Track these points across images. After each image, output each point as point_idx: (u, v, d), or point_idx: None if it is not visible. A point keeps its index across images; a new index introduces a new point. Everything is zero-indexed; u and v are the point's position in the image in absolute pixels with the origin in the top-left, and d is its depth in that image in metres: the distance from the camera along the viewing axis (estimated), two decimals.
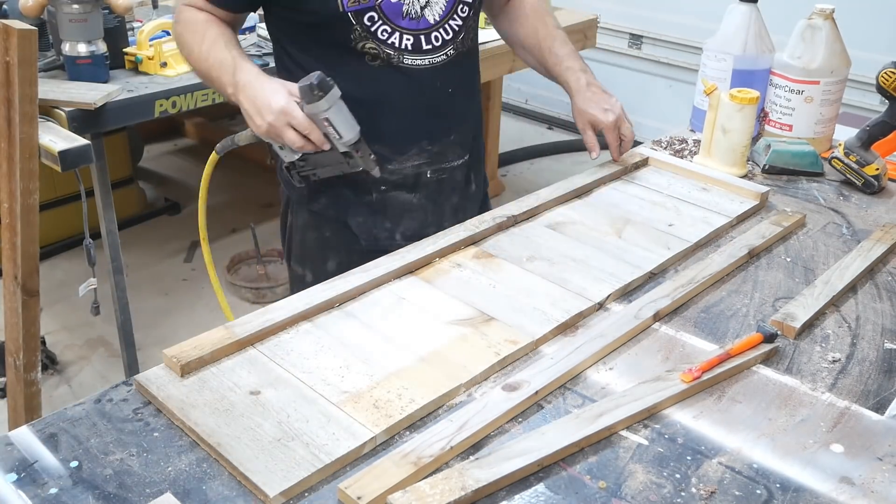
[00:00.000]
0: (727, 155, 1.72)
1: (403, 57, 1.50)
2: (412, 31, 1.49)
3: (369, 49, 1.47)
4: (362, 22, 1.45)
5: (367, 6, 1.44)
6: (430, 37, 1.51)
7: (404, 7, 1.47)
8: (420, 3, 1.48)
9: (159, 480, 0.92)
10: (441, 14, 1.51)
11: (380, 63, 1.49)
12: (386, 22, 1.46)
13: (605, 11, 4.24)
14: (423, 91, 1.54)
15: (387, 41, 1.48)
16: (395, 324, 1.19)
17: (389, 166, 1.55)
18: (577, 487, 0.93)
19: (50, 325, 2.98)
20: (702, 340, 1.20)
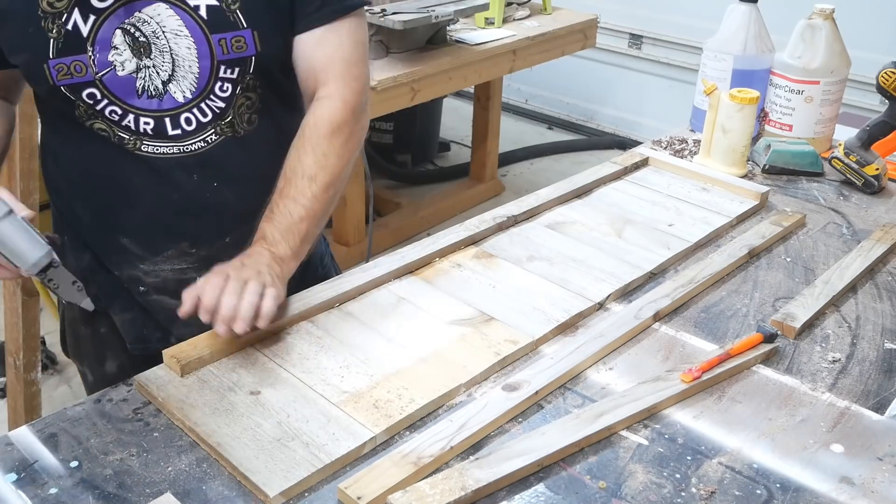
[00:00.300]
0: (727, 155, 1.72)
1: (141, 143, 1.20)
2: (152, 113, 1.19)
3: (99, 130, 1.20)
4: (82, 99, 1.17)
5: (84, 80, 1.15)
6: (177, 119, 1.20)
7: (138, 82, 1.17)
8: (161, 77, 1.17)
9: (159, 480, 0.92)
10: (193, 91, 1.19)
11: (114, 149, 1.21)
12: (113, 100, 1.17)
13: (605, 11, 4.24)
14: (173, 185, 1.23)
15: (119, 123, 1.19)
16: (394, 324, 1.19)
17: (143, 265, 1.29)
18: (577, 487, 0.93)
19: (50, 325, 2.97)
20: (702, 340, 1.19)
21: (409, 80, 2.69)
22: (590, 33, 3.51)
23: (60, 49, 1.13)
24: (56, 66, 1.14)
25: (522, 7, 3.43)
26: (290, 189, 1.19)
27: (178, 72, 1.18)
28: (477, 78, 3.09)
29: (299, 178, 1.20)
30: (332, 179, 1.22)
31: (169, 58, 1.17)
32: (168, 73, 1.18)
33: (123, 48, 1.15)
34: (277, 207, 1.19)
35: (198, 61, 1.17)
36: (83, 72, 1.14)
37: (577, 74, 4.81)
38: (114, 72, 1.16)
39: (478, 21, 3.21)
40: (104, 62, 1.15)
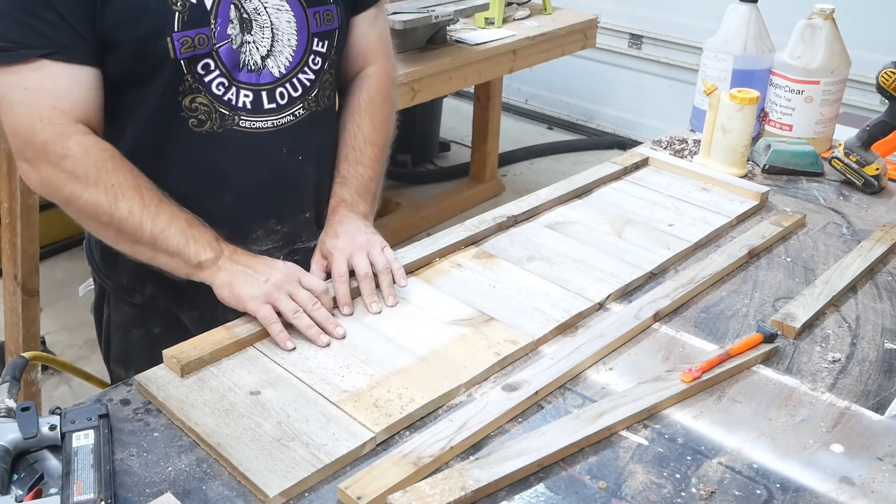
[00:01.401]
0: (727, 155, 1.72)
1: (240, 118, 1.23)
2: (251, 87, 1.22)
3: (199, 106, 1.20)
4: (195, 71, 1.18)
5: (203, 52, 1.17)
6: (273, 93, 1.25)
7: (242, 56, 1.21)
8: (260, 52, 1.22)
9: (159, 480, 0.92)
10: (288, 66, 1.25)
11: (209, 127, 1.22)
12: (223, 73, 1.20)
13: (605, 11, 4.24)
14: (266, 160, 1.27)
15: (222, 97, 1.21)
16: (394, 324, 1.19)
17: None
18: (577, 487, 0.93)
19: (50, 325, 2.98)
20: (702, 340, 1.19)
21: (409, 80, 2.69)
22: (590, 33, 3.51)
23: (185, 22, 1.15)
24: (181, 38, 1.15)
25: (522, 7, 3.43)
26: (356, 154, 1.36)
27: (276, 46, 1.24)
28: (477, 78, 3.09)
29: (362, 143, 1.37)
30: (387, 141, 1.41)
31: (269, 33, 1.22)
32: (267, 49, 1.23)
33: (236, 22, 1.20)
34: (349, 172, 1.36)
35: (296, 34, 1.25)
36: (205, 44, 1.17)
37: (577, 74, 4.81)
38: (229, 45, 1.19)
39: (478, 21, 3.21)
40: (223, 35, 1.19)
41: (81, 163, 1.12)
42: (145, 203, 1.15)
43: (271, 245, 1.33)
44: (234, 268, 1.17)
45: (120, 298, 1.38)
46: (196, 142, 1.23)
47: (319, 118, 1.32)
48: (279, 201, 1.32)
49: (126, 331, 1.39)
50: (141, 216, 1.14)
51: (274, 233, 1.33)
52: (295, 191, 1.33)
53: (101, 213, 1.14)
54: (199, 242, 1.17)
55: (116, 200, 1.13)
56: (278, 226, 1.33)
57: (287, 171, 1.30)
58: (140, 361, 1.27)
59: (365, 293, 1.22)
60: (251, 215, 1.30)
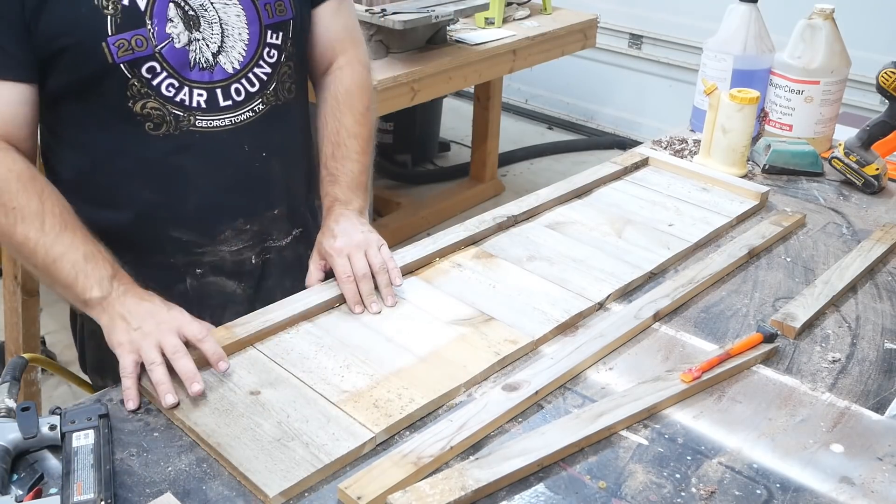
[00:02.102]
0: (727, 155, 1.72)
1: (195, 118, 1.21)
2: (204, 85, 1.20)
3: (151, 111, 1.18)
4: (140, 75, 1.16)
5: (144, 54, 1.15)
6: (228, 90, 1.23)
7: (190, 55, 1.18)
8: (211, 49, 1.20)
9: (159, 480, 0.92)
10: (242, 61, 1.23)
11: (165, 129, 1.20)
12: (171, 74, 1.18)
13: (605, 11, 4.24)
14: (227, 159, 1.25)
15: (173, 98, 1.19)
16: (394, 324, 1.19)
17: (199, 250, 1.29)
18: (577, 487, 0.93)
19: (50, 325, 2.98)
20: (702, 340, 1.19)
21: (409, 80, 2.69)
22: (590, 33, 3.51)
23: (119, 25, 1.13)
24: (116, 42, 1.13)
25: (522, 7, 3.43)
26: (342, 150, 1.34)
27: (227, 42, 1.22)
28: (477, 78, 3.09)
29: (346, 138, 1.35)
30: (370, 132, 1.39)
31: (218, 28, 1.20)
32: (217, 45, 1.21)
33: (177, 20, 1.17)
34: (337, 169, 1.34)
35: (247, 27, 1.23)
36: (144, 46, 1.15)
37: (577, 74, 4.81)
38: (171, 44, 1.17)
39: (478, 21, 3.21)
40: (163, 35, 1.16)
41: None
42: (45, 230, 1.10)
43: (241, 245, 1.31)
44: (115, 311, 1.09)
45: None
46: (154, 146, 1.21)
47: (281, 112, 1.30)
48: (246, 200, 1.30)
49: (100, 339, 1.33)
50: (36, 244, 1.10)
51: (243, 232, 1.31)
52: (261, 188, 1.31)
53: (3, 236, 1.11)
54: (90, 279, 1.10)
55: (14, 224, 1.09)
56: (247, 225, 1.31)
57: (251, 168, 1.28)
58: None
59: (364, 293, 1.22)
60: (218, 216, 1.28)
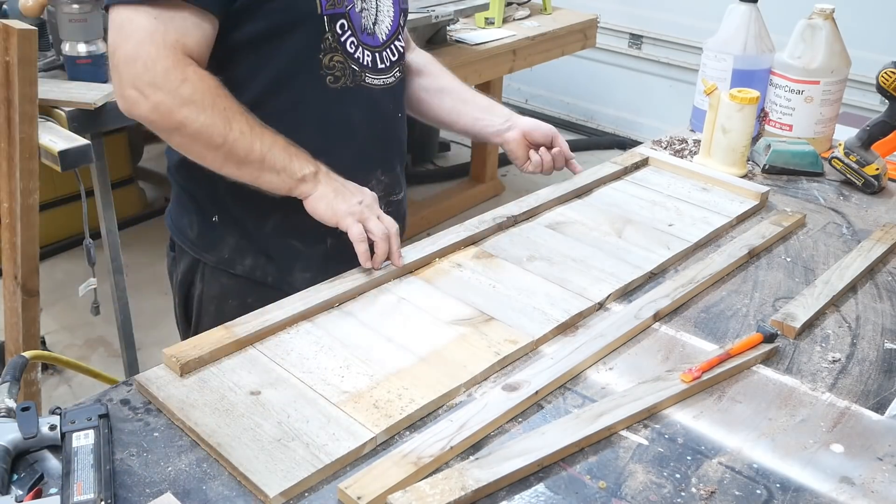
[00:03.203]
0: (727, 155, 1.72)
1: (366, 75, 1.37)
2: (370, 48, 1.37)
3: (336, 64, 1.33)
4: (335, 30, 1.31)
5: (341, 10, 1.31)
6: (382, 56, 1.40)
7: (362, 20, 1.35)
8: (371, 19, 1.37)
9: (159, 480, 0.92)
10: (388, 33, 1.40)
11: (343, 83, 1.34)
12: (353, 32, 1.34)
13: (605, 11, 4.24)
14: (381, 114, 1.43)
15: (353, 55, 1.35)
16: (395, 324, 1.19)
17: None
18: (577, 487, 0.93)
19: (50, 325, 2.98)
20: (702, 340, 1.19)
21: None
22: (590, 33, 3.51)
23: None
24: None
25: (522, 7, 3.44)
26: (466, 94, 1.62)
27: (379, 16, 1.38)
28: (477, 78, 3.09)
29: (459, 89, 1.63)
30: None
31: (374, 4, 1.37)
32: (373, 17, 1.37)
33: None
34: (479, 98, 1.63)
35: (392, 8, 1.41)
36: (342, 3, 1.31)
37: (577, 74, 4.82)
38: (353, 8, 1.33)
39: (478, 21, 3.22)
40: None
41: (198, 88, 1.20)
42: (251, 125, 1.23)
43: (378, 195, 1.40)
44: (332, 183, 1.27)
45: (219, 271, 1.44)
46: (331, 97, 1.34)
47: (403, 84, 1.49)
48: (386, 154, 1.45)
49: (221, 302, 1.46)
50: (251, 137, 1.23)
51: (380, 183, 1.44)
52: (396, 145, 1.48)
53: (215, 134, 1.21)
54: (300, 159, 1.26)
55: (230, 122, 1.21)
56: (383, 176, 1.45)
57: (392, 125, 1.45)
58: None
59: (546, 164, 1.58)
60: (368, 166, 1.41)
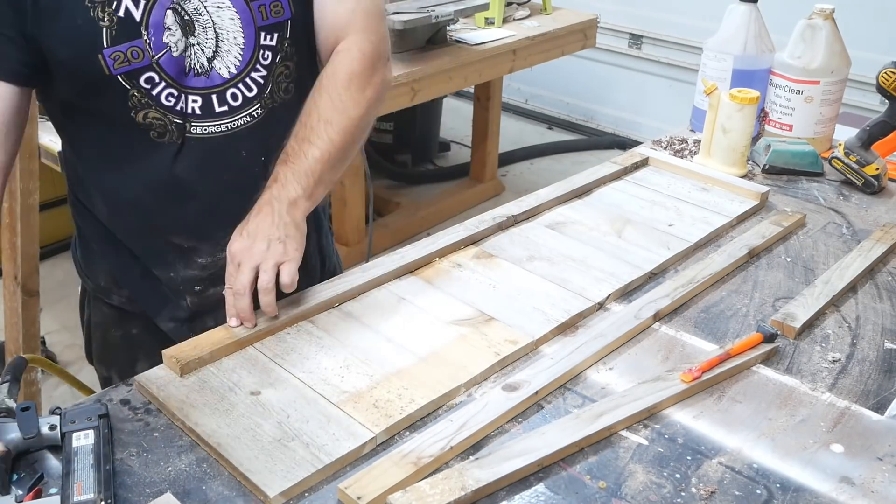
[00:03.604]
0: (727, 155, 1.72)
1: (191, 125, 1.20)
2: (200, 91, 1.19)
3: (153, 120, 1.18)
4: (139, 86, 1.15)
5: (141, 65, 1.14)
6: (224, 95, 1.20)
7: (186, 61, 1.17)
8: (206, 54, 1.18)
9: (159, 480, 0.92)
10: (238, 65, 1.20)
11: (168, 138, 1.20)
12: (170, 83, 1.17)
13: (605, 11, 4.24)
14: (224, 165, 1.23)
15: (174, 107, 1.18)
16: (394, 324, 1.19)
17: (200, 260, 1.29)
18: (577, 487, 0.93)
19: (50, 325, 2.98)
20: (702, 340, 1.19)
21: (409, 80, 2.69)
22: (590, 33, 3.51)
23: (114, 37, 1.12)
24: (112, 54, 1.12)
25: (522, 7, 3.43)
26: (305, 132, 1.20)
27: (222, 46, 1.19)
28: (477, 78, 3.09)
29: (315, 121, 1.21)
30: (348, 125, 1.22)
31: (212, 33, 1.18)
32: (212, 50, 1.18)
33: (175, 28, 1.15)
34: (293, 150, 1.20)
35: (242, 31, 1.19)
36: (140, 57, 1.14)
37: (577, 74, 4.82)
38: (169, 53, 1.15)
39: (478, 21, 3.21)
40: (160, 44, 1.15)
41: None
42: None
43: None
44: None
45: (98, 299, 1.37)
46: (158, 153, 1.20)
47: (279, 115, 1.26)
48: (245, 203, 1.22)
49: (105, 331, 1.37)
50: None
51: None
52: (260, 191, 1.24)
53: None
54: None
55: None
56: None
57: (251, 173, 1.24)
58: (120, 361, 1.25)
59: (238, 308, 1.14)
60: (219, 220, 1.24)
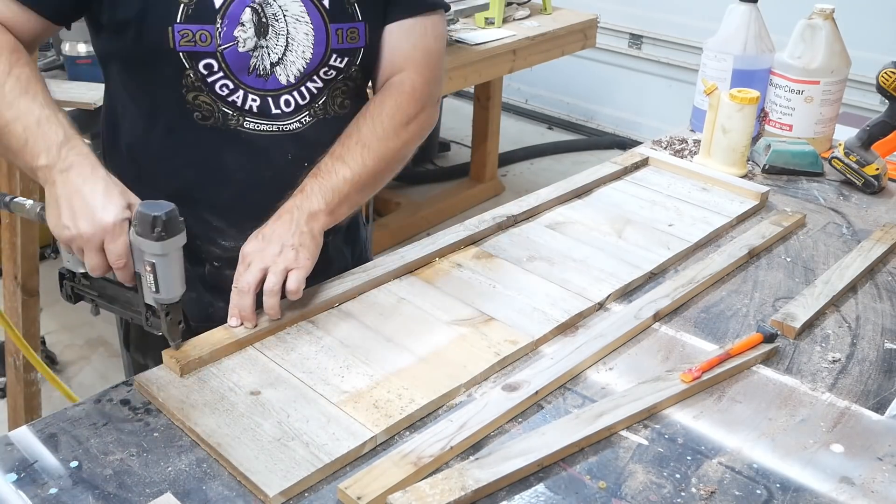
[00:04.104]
0: (727, 155, 1.72)
1: (244, 120, 1.23)
2: (258, 91, 1.22)
3: (202, 103, 1.21)
4: (196, 69, 1.18)
5: (205, 50, 1.16)
6: (278, 100, 1.24)
7: (252, 61, 1.20)
8: (271, 59, 1.21)
9: (159, 480, 0.92)
10: (297, 76, 1.23)
11: (213, 123, 1.22)
12: (228, 75, 1.19)
13: (605, 11, 4.24)
14: (268, 162, 1.26)
15: (226, 98, 1.21)
16: (394, 324, 1.19)
17: (223, 242, 1.31)
18: (577, 487, 0.93)
19: (50, 325, 2.98)
20: (702, 340, 1.19)
21: None
22: (590, 33, 3.51)
23: (189, 16, 1.15)
24: (181, 31, 1.15)
25: (522, 7, 3.43)
26: (341, 150, 1.24)
27: (288, 56, 1.22)
28: (477, 78, 3.09)
29: (353, 143, 1.25)
30: (384, 153, 1.26)
31: (284, 41, 1.21)
32: (278, 56, 1.21)
33: (249, 26, 1.18)
34: (325, 165, 1.23)
35: (312, 48, 1.23)
36: (207, 42, 1.16)
37: (577, 74, 4.82)
38: (235, 47, 1.18)
39: (478, 21, 3.21)
40: (229, 36, 1.17)
41: None
42: (3, 93, 1.09)
43: None
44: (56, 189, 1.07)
45: None
46: (200, 134, 1.23)
47: (330, 125, 1.28)
48: (279, 201, 1.25)
49: None
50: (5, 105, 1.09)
51: None
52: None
53: None
54: (38, 145, 1.07)
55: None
56: None
57: (291, 174, 1.26)
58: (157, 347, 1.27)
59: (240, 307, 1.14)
60: (251, 211, 1.25)
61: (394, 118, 1.27)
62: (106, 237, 1.05)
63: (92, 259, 1.06)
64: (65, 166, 1.07)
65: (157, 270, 1.04)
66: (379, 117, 1.27)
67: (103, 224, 1.04)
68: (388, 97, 1.29)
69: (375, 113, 1.28)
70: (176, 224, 1.03)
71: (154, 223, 1.01)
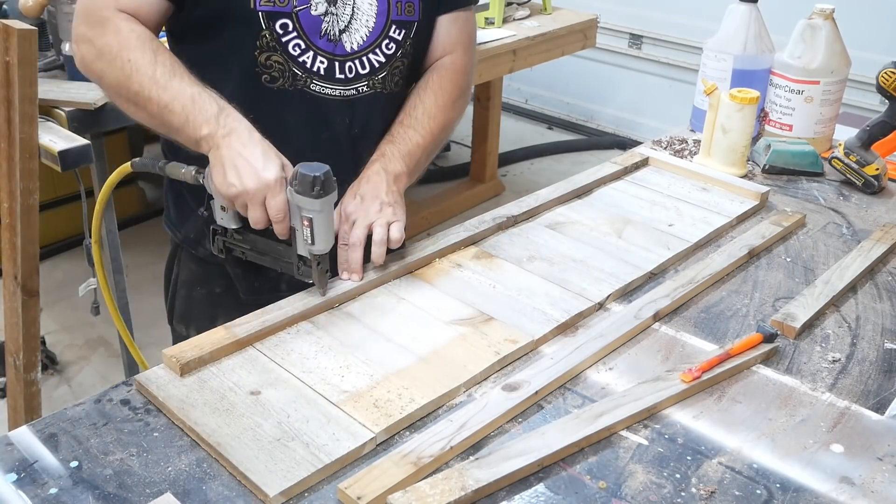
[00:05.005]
0: (727, 155, 1.72)
1: (312, 81, 1.31)
2: (327, 55, 1.30)
3: (273, 64, 1.28)
4: (273, 29, 1.26)
5: (283, 10, 1.25)
6: (343, 65, 1.32)
7: (323, 25, 1.28)
8: (339, 26, 1.29)
9: (159, 480, 0.92)
10: (361, 44, 1.32)
11: (281, 84, 1.30)
12: (301, 35, 1.27)
13: (605, 11, 4.24)
14: (327, 125, 1.35)
15: (297, 58, 1.29)
16: (395, 324, 1.19)
17: None
18: (577, 487, 0.93)
19: (50, 325, 2.98)
20: (702, 340, 1.20)
21: None
22: (590, 33, 3.51)
23: None
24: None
25: (522, 7, 3.43)
26: (411, 120, 1.38)
27: (353, 24, 1.31)
28: (477, 78, 3.09)
29: (421, 113, 1.39)
30: (444, 123, 1.41)
31: (349, 10, 1.30)
32: (345, 24, 1.30)
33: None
34: (398, 133, 1.37)
35: (375, 17, 1.32)
36: (285, 2, 1.25)
37: (577, 74, 4.82)
38: (308, 10, 1.26)
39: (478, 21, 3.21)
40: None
41: (109, 42, 1.21)
42: (156, 79, 1.19)
43: None
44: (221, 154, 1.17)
45: (188, 253, 1.46)
46: (266, 95, 1.30)
47: (385, 100, 1.38)
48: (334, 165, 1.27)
49: (191, 288, 1.48)
50: (150, 91, 1.19)
51: None
52: (347, 160, 1.36)
53: (121, 88, 1.22)
54: (199, 118, 1.19)
55: (130, 76, 1.20)
56: None
57: (344, 140, 1.36)
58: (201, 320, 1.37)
59: (351, 262, 1.25)
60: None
61: (451, 92, 1.42)
62: (268, 193, 1.15)
63: (255, 213, 1.17)
64: (225, 132, 1.18)
65: (314, 225, 1.15)
66: (439, 91, 1.41)
67: (266, 181, 1.15)
68: (443, 74, 1.43)
69: (436, 87, 1.41)
70: (331, 183, 1.14)
71: (314, 182, 1.12)
